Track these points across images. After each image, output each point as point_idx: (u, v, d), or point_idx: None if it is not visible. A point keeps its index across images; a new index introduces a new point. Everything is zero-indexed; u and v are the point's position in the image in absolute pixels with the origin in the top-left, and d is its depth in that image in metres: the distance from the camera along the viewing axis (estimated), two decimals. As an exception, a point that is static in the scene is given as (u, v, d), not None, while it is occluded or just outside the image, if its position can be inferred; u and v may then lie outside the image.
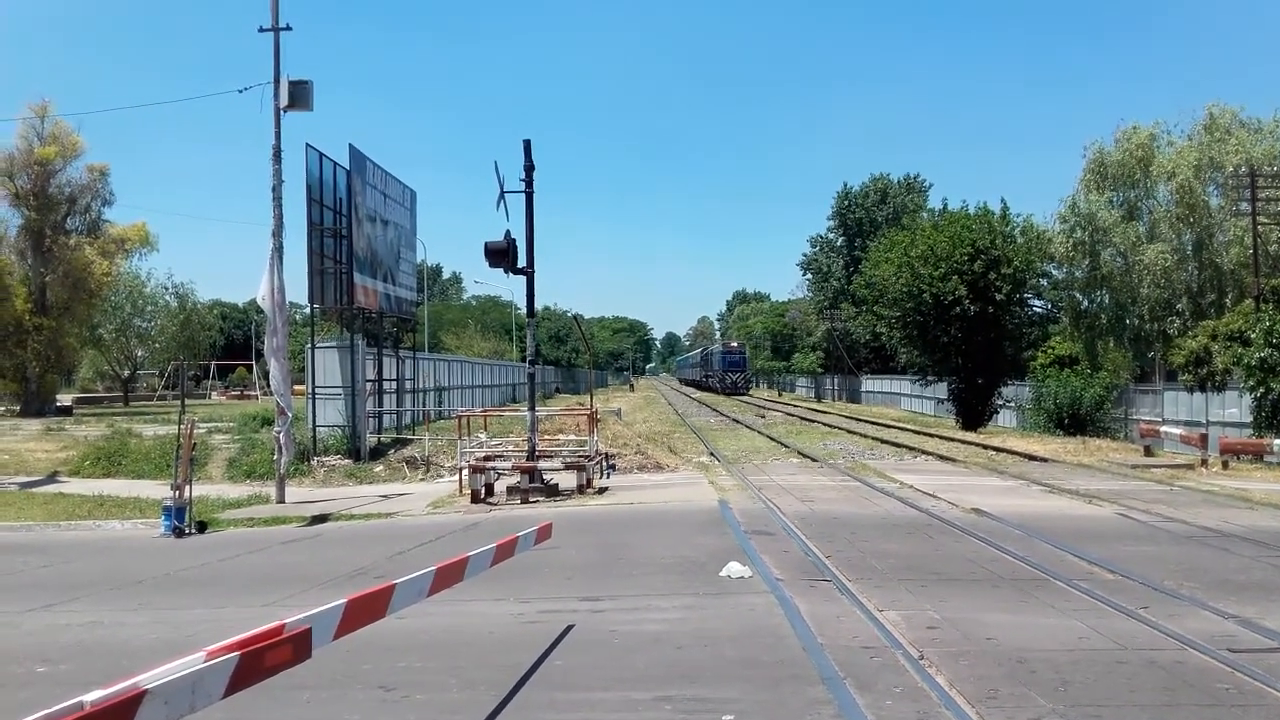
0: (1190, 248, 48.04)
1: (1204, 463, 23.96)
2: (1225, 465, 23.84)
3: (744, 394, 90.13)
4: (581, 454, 20.37)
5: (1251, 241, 38.90)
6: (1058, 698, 6.30)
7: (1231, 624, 8.21)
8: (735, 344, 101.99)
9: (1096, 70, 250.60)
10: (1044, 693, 6.39)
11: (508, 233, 18.53)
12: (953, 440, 32.66)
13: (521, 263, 18.88)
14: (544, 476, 18.93)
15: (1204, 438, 25.81)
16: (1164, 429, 30.45)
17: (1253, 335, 30.18)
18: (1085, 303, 51.67)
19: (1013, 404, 47.69)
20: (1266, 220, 39.07)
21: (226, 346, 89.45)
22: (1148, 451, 27.62)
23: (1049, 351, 49.22)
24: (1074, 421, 40.23)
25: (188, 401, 20.62)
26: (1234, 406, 33.86)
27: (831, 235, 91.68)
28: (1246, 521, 14.34)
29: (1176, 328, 45.65)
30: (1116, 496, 17.23)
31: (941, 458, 26.57)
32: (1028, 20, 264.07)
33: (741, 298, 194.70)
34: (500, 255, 18.46)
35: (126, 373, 65.74)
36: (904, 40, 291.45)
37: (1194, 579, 10.05)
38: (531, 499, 18.05)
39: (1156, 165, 48.17)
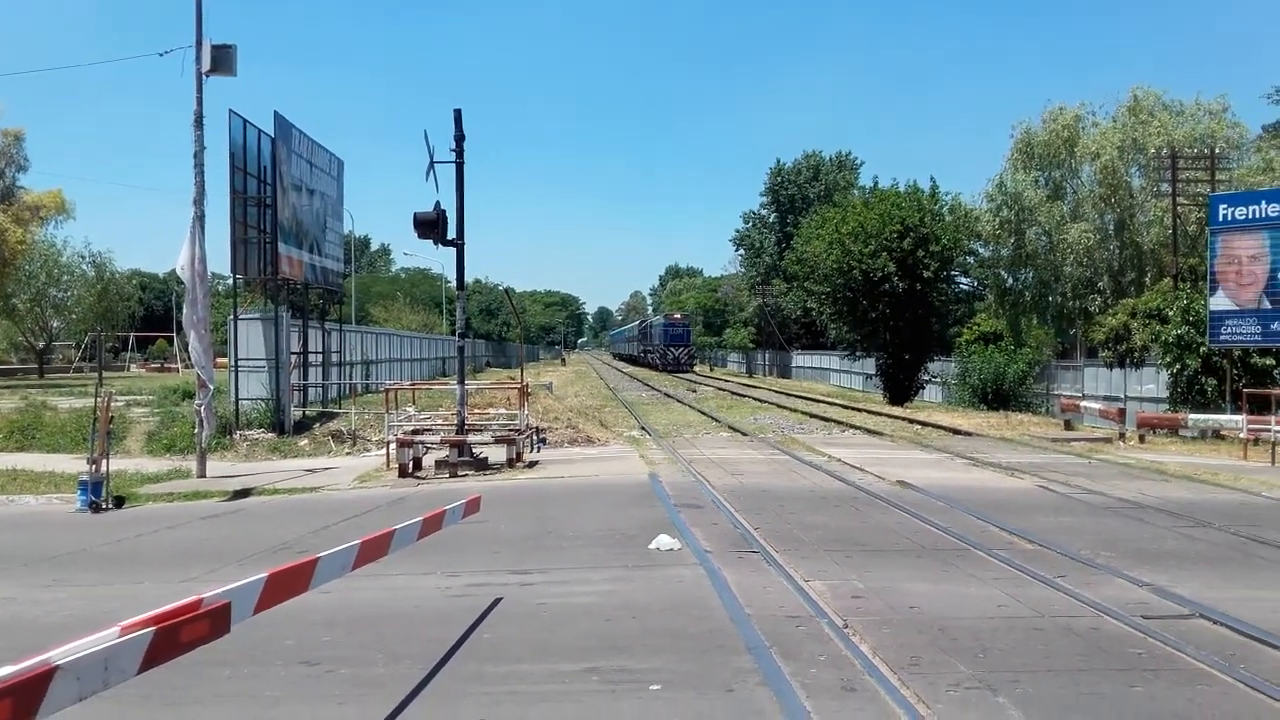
0: (1112, 227, 49.29)
1: (1122, 436, 24.59)
2: (1142, 439, 24.51)
3: (687, 371, 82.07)
4: (512, 428, 20.26)
5: (1171, 222, 39.94)
6: (977, 664, 6.42)
7: (1145, 591, 8.44)
8: (679, 315, 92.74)
9: (1027, 50, 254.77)
10: (964, 660, 6.51)
11: (437, 204, 18.24)
12: (880, 415, 33.14)
13: (451, 234, 18.64)
14: (473, 450, 18.79)
15: (1122, 412, 26.50)
16: (1084, 404, 31.10)
17: (1170, 313, 31.02)
18: (1010, 280, 52.79)
19: (939, 379, 48.47)
20: (1186, 201, 40.09)
21: (146, 318, 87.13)
22: (1068, 426, 28.23)
23: (974, 328, 50.13)
24: (997, 397, 41.05)
25: (106, 374, 20.09)
26: (1151, 382, 34.82)
27: (764, 211, 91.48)
28: (1160, 493, 14.77)
29: (1098, 305, 46.89)
30: (1037, 469, 17.62)
31: (869, 432, 26.94)
32: None
33: (675, 273, 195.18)
34: (430, 226, 18.18)
35: (41, 344, 63.92)
36: (837, 16, 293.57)
37: (1110, 549, 10.33)
38: (460, 473, 17.91)
39: (1081, 146, 49.25)
